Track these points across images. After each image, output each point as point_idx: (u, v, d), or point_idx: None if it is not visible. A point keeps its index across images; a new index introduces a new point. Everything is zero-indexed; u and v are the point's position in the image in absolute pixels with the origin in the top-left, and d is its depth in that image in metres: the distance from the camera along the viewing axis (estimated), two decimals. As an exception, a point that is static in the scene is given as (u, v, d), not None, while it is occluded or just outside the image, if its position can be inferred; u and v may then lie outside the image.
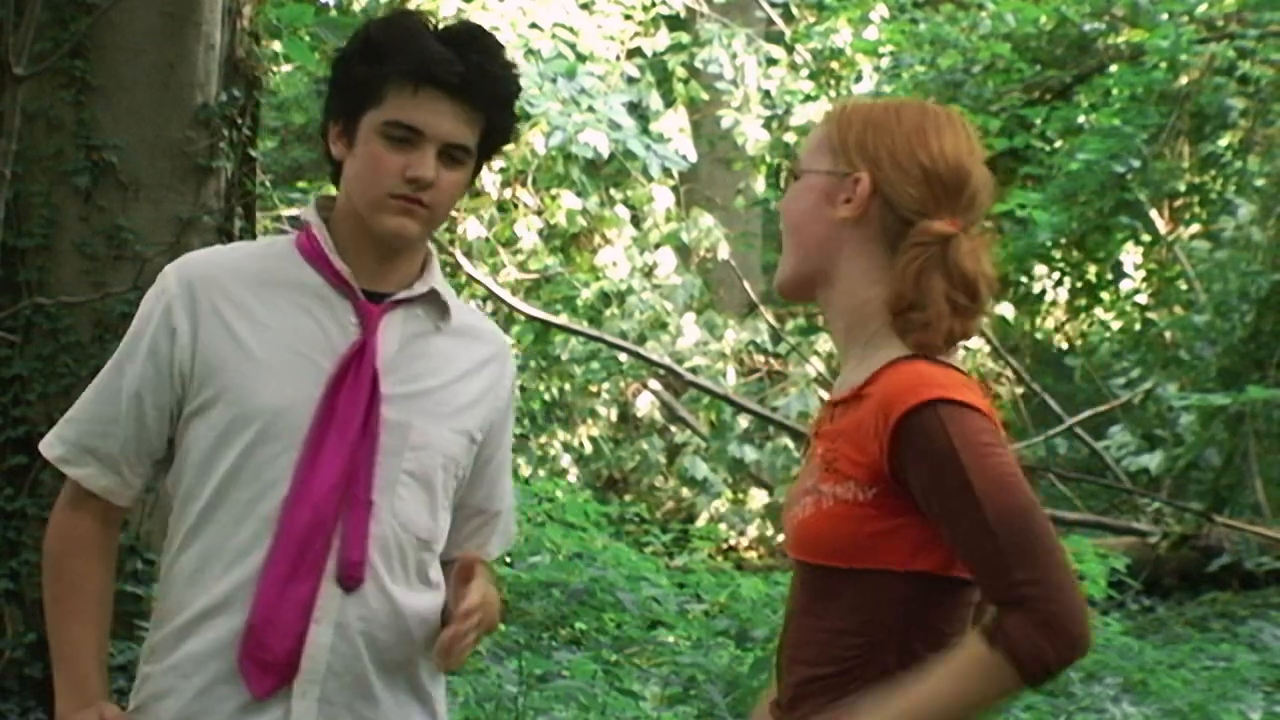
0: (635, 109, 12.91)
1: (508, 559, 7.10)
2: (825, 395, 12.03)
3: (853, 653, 2.49)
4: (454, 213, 12.30)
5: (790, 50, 14.25)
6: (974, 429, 2.41)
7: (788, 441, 12.20)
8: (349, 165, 2.80)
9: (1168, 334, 13.14)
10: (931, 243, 2.52)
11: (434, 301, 2.85)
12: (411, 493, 2.78)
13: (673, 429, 13.05)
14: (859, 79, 14.28)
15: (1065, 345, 15.47)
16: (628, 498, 12.13)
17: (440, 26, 2.81)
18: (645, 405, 12.90)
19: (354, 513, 2.73)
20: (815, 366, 12.80)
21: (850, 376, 2.56)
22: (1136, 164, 12.03)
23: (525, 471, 11.80)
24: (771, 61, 14.03)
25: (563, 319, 12.25)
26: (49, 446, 2.84)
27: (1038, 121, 12.44)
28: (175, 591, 2.79)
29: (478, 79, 2.76)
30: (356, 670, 2.75)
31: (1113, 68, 12.58)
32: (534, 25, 12.10)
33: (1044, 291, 14.76)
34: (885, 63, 13.78)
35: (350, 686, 2.75)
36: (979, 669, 2.37)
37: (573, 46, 12.25)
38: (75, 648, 2.80)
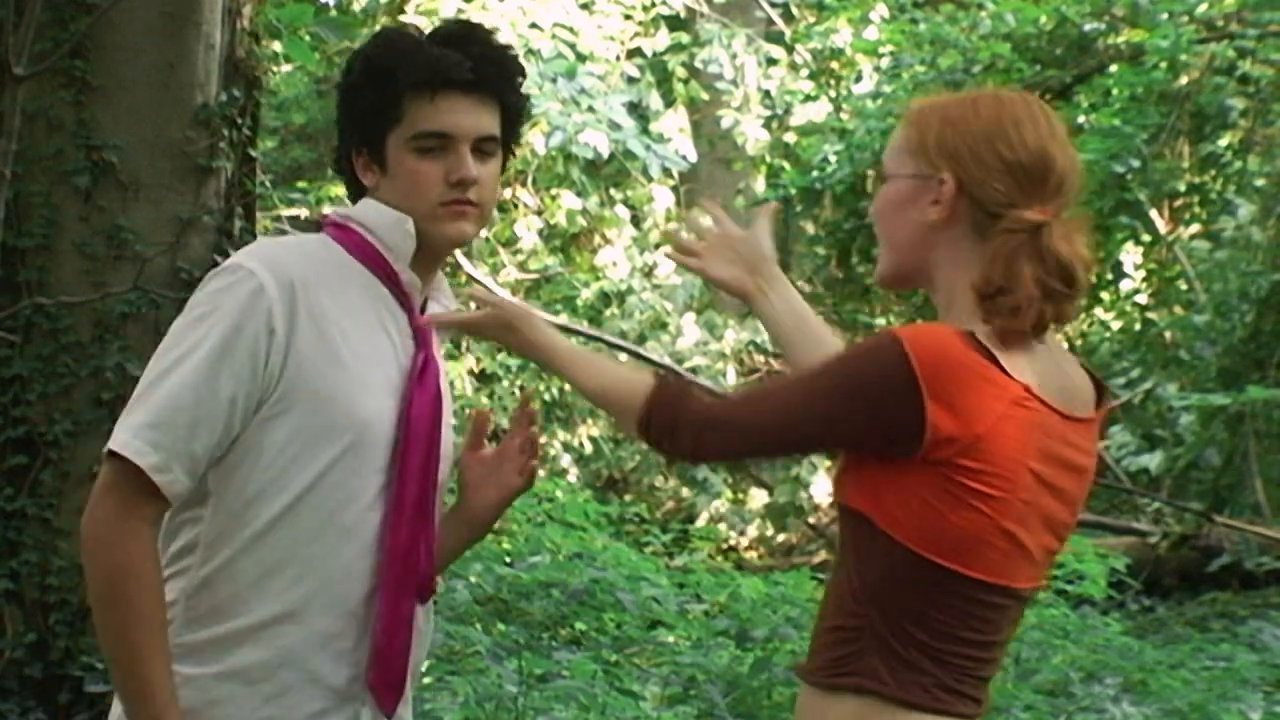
0: (635, 109, 12.92)
1: (507, 559, 7.11)
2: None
3: (854, 608, 2.55)
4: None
5: (790, 50, 14.25)
6: (873, 368, 2.50)
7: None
8: (386, 188, 2.80)
9: (1168, 334, 13.15)
10: (1021, 230, 2.55)
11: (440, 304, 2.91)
12: (440, 500, 2.84)
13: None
14: (859, 79, 14.29)
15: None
16: (628, 498, 12.13)
17: (430, 31, 2.84)
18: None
19: (426, 528, 2.77)
20: (815, 366, 12.78)
21: None
22: (1136, 164, 12.03)
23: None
24: (771, 61, 14.04)
25: (563, 319, 12.25)
26: (140, 454, 2.62)
27: (1038, 121, 12.43)
28: (228, 593, 2.69)
29: (486, 69, 2.79)
30: (415, 674, 2.83)
31: (1113, 68, 12.58)
32: (534, 25, 12.10)
33: (1044, 291, 14.75)
34: (885, 63, 13.78)
35: (406, 693, 2.83)
36: (630, 382, 2.67)
37: (573, 46, 12.25)
38: (152, 686, 2.64)
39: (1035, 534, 2.56)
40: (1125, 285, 14.58)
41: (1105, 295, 14.65)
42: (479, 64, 2.78)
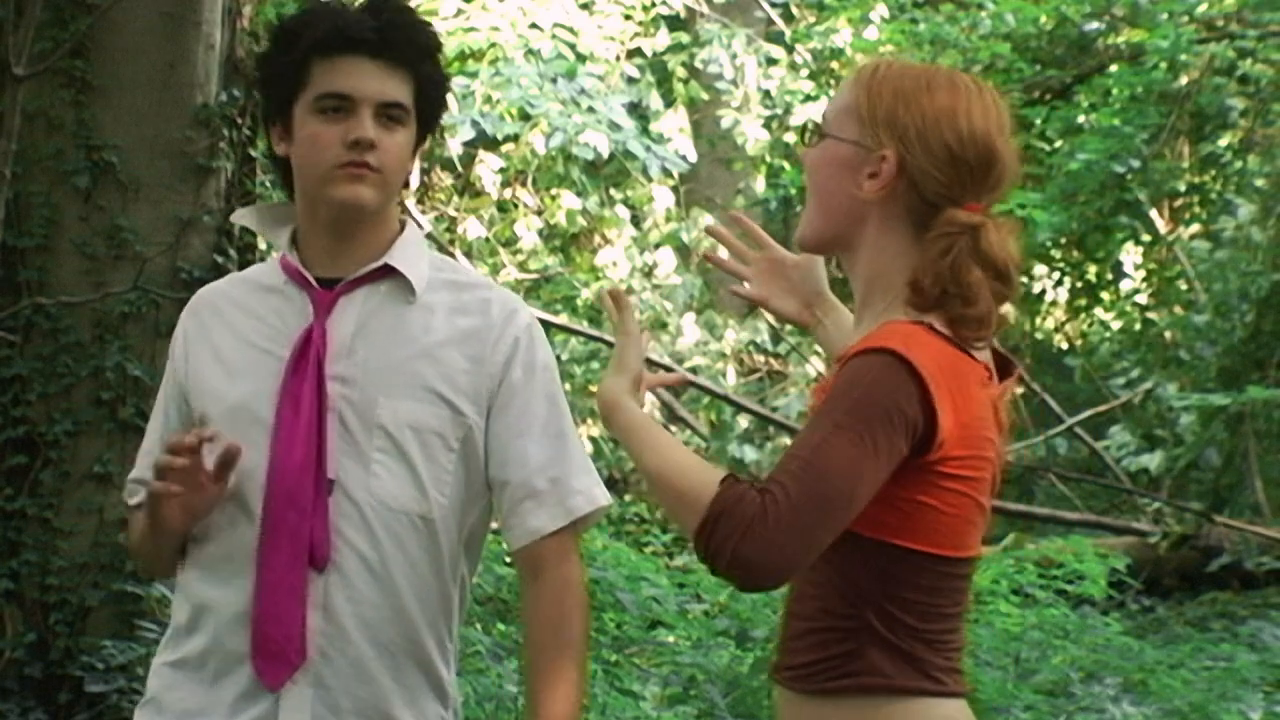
0: (635, 109, 12.91)
1: (506, 559, 7.10)
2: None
3: (842, 609, 2.52)
4: (454, 213, 12.32)
5: (790, 50, 14.25)
6: (888, 387, 2.43)
7: (788, 441, 12.19)
8: (294, 155, 2.82)
9: (1168, 334, 13.15)
10: (960, 232, 2.52)
11: (397, 276, 2.84)
12: (389, 469, 2.77)
13: (673, 429, 13.05)
14: (859, 79, 14.26)
15: (1065, 345, 15.48)
16: (628, 498, 12.13)
17: (356, 2, 2.86)
18: (645, 405, 12.89)
19: (319, 494, 2.75)
20: (815, 366, 12.80)
21: (860, 334, 2.59)
22: (1136, 164, 12.04)
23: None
24: (771, 61, 14.03)
25: (563, 319, 12.25)
26: (128, 494, 2.99)
27: (1038, 121, 12.45)
28: (179, 591, 2.89)
29: (392, 33, 2.79)
30: (350, 654, 2.76)
31: (1113, 68, 12.58)
32: (534, 25, 12.09)
33: (1044, 291, 14.77)
34: (885, 63, 13.76)
35: (346, 670, 2.76)
36: (701, 482, 2.42)
37: (573, 47, 12.24)
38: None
39: (989, 500, 2.60)
40: (1125, 285, 14.58)
41: (1105, 295, 14.66)
42: (385, 29, 2.78)
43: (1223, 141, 13.08)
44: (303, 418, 2.76)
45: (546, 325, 11.98)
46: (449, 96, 2.98)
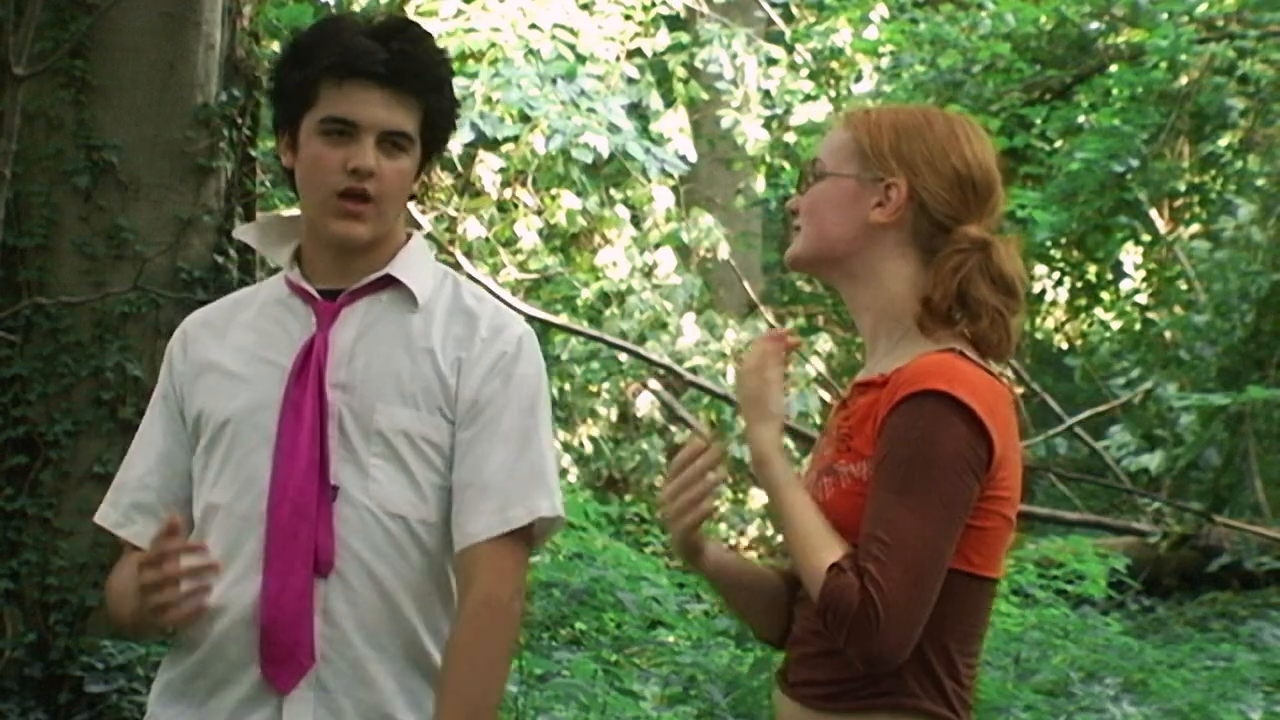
0: (635, 109, 12.91)
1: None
2: (825, 395, 12.04)
3: None
4: (454, 213, 12.32)
5: (790, 50, 14.25)
6: (948, 437, 2.50)
7: (788, 441, 12.18)
8: (297, 170, 2.86)
9: (1168, 334, 13.14)
10: (972, 249, 2.61)
11: (399, 286, 2.86)
12: (387, 475, 2.79)
13: (673, 429, 13.05)
14: (859, 79, 14.28)
15: (1065, 345, 15.48)
16: (628, 498, 12.12)
17: (372, 22, 2.86)
18: (645, 405, 12.89)
19: (322, 500, 2.77)
20: (815, 366, 12.80)
21: (879, 364, 2.64)
22: (1136, 164, 12.04)
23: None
24: (771, 61, 14.03)
25: (563, 319, 12.24)
26: (104, 516, 3.05)
27: (1038, 121, 12.44)
28: None
29: (403, 64, 2.80)
30: (349, 656, 2.77)
31: (1113, 68, 12.58)
32: (534, 26, 12.08)
33: (1044, 291, 14.77)
34: (885, 63, 13.77)
35: (346, 673, 2.77)
36: (816, 565, 2.51)
37: (572, 48, 12.23)
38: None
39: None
40: (1125, 285, 14.58)
41: (1105, 295, 14.66)
42: (395, 58, 2.79)
43: (1223, 141, 13.08)
44: (305, 425, 2.78)
45: (546, 325, 11.99)
46: (455, 122, 2.99)
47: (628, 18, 13.02)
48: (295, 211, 2.97)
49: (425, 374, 2.82)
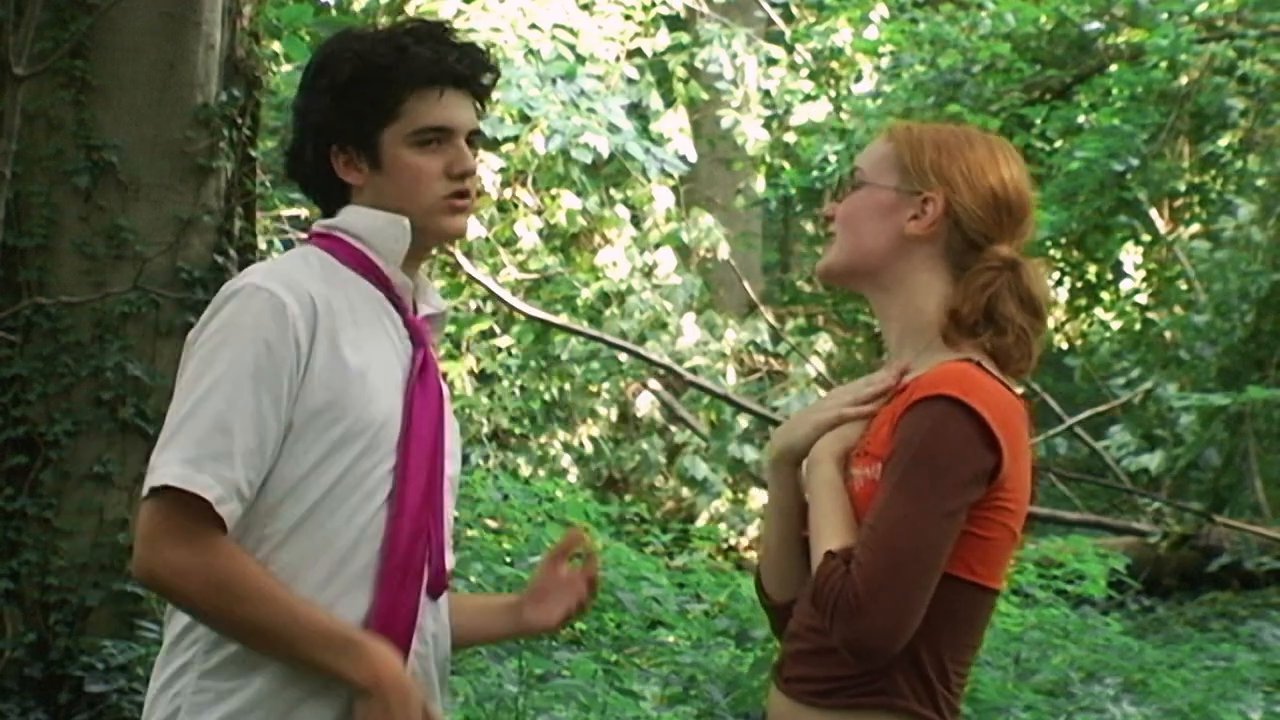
0: (635, 109, 12.91)
1: (508, 559, 7.11)
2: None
3: None
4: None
5: (790, 50, 14.25)
6: (953, 439, 2.54)
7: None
8: (380, 185, 2.83)
9: (1168, 334, 13.14)
10: (1003, 268, 2.67)
11: (439, 317, 2.93)
12: (450, 498, 2.84)
13: (673, 429, 13.05)
14: (859, 79, 14.29)
15: (1065, 345, 15.47)
16: (628, 498, 12.12)
17: (400, 29, 2.87)
18: (645, 405, 12.89)
19: (436, 522, 2.78)
20: (815, 366, 12.80)
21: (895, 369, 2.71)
22: (1136, 164, 12.04)
23: (525, 471, 11.80)
24: (771, 61, 14.04)
25: (563, 319, 12.24)
26: (206, 488, 2.62)
27: (1038, 121, 12.44)
28: None
29: (474, 67, 2.86)
30: (430, 676, 2.80)
31: (1113, 68, 12.58)
32: (534, 26, 12.09)
33: (1044, 291, 14.72)
34: (885, 63, 13.78)
35: (424, 690, 2.78)
36: (820, 549, 2.58)
37: (572, 48, 12.24)
38: (322, 626, 2.66)
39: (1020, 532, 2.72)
40: (1125, 285, 14.58)
41: (1105, 295, 14.65)
42: (468, 62, 2.85)
43: (1223, 141, 13.08)
44: (427, 447, 2.78)
45: (546, 325, 12.00)
46: None
47: (628, 18, 13.03)
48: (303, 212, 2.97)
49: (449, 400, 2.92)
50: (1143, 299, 14.42)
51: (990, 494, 2.58)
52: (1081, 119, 12.46)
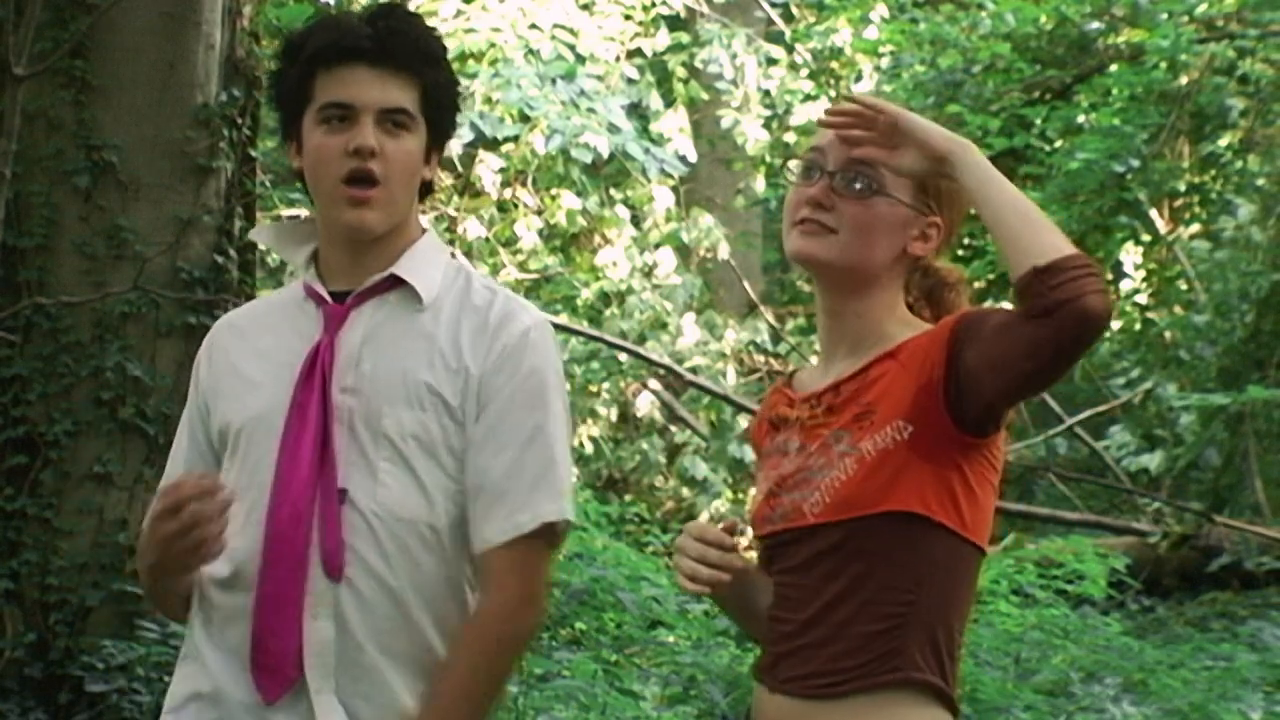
0: (635, 109, 12.91)
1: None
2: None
3: (899, 609, 2.61)
4: (454, 213, 12.32)
5: (790, 50, 14.25)
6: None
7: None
8: (305, 170, 2.84)
9: (1168, 334, 13.14)
10: (957, 282, 2.83)
11: (405, 286, 2.82)
12: (395, 478, 2.76)
13: (673, 429, 13.04)
14: (859, 79, 14.27)
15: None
16: (628, 498, 12.12)
17: (361, 11, 2.87)
18: (645, 405, 12.89)
19: (327, 502, 2.74)
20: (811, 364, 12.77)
21: (840, 366, 2.74)
22: (1136, 164, 12.03)
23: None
24: (771, 61, 14.03)
25: (563, 319, 12.24)
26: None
27: (1038, 121, 12.44)
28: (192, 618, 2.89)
29: (391, 40, 2.78)
30: (365, 662, 2.74)
31: (1113, 68, 12.57)
32: (534, 26, 12.09)
33: (1044, 291, 14.73)
34: (885, 63, 13.77)
35: (363, 678, 2.74)
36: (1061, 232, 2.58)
37: (572, 48, 12.24)
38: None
39: None
40: (1125, 285, 14.57)
41: (1105, 295, 14.61)
42: (384, 36, 2.78)
43: (1223, 141, 13.07)
44: (309, 429, 2.75)
45: (546, 325, 11.99)
46: (458, 101, 2.95)
47: (628, 18, 13.02)
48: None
49: (433, 375, 2.78)
50: (1143, 299, 14.40)
51: (989, 444, 2.64)
52: (1081, 119, 12.46)
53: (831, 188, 2.71)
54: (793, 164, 2.78)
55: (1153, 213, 13.10)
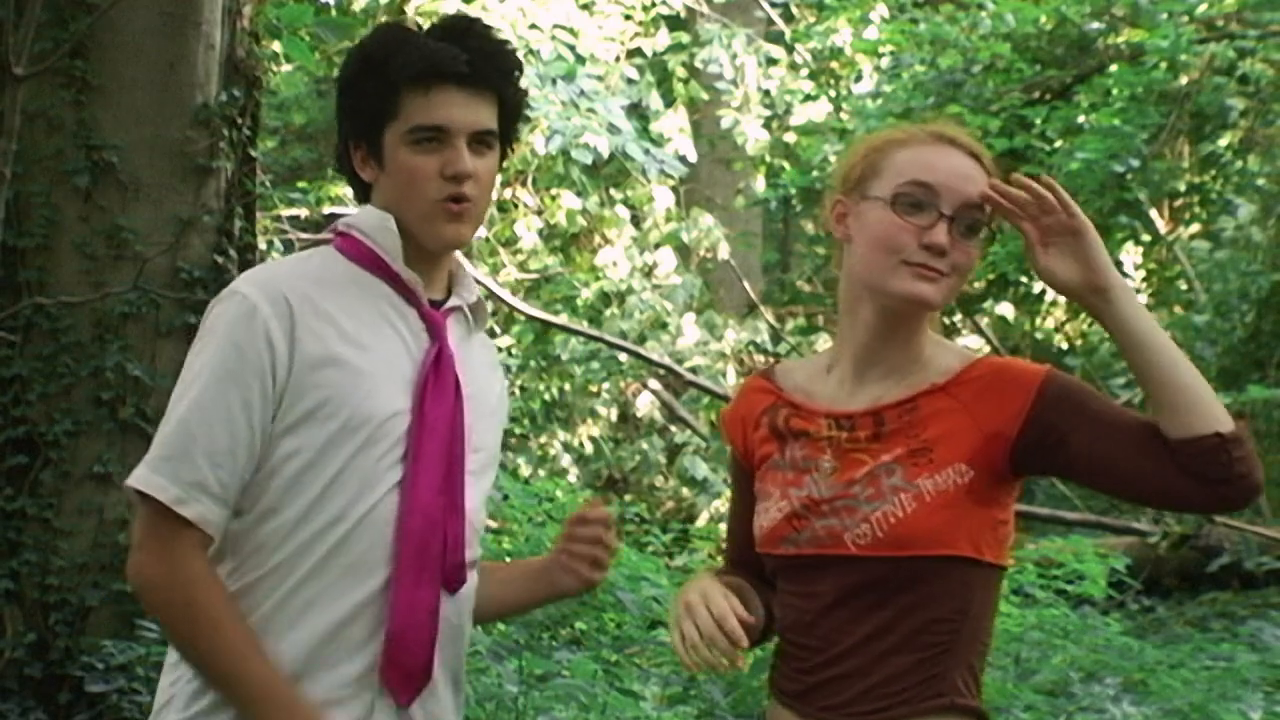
0: (635, 109, 12.92)
1: (508, 559, 7.11)
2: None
3: (944, 638, 2.65)
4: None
5: (790, 50, 14.26)
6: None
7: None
8: (385, 184, 2.82)
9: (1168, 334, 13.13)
10: None
11: (475, 307, 2.91)
12: (475, 491, 2.82)
13: (673, 429, 13.05)
14: (859, 79, 14.29)
15: (1065, 345, 15.47)
16: (628, 498, 12.13)
17: (429, 26, 2.84)
18: (645, 405, 12.89)
19: (453, 516, 2.76)
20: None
21: (875, 389, 2.74)
22: (1136, 164, 12.03)
23: (525, 471, 11.80)
24: (771, 61, 14.04)
25: (563, 319, 12.25)
26: (159, 489, 2.66)
27: (1038, 121, 12.44)
28: (247, 599, 2.74)
29: (482, 62, 2.79)
30: (445, 670, 2.79)
31: (1113, 68, 12.57)
32: (534, 26, 12.09)
33: (1044, 291, 14.76)
34: (885, 63, 13.78)
35: (430, 697, 2.78)
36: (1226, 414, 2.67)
37: (572, 48, 12.24)
38: (270, 687, 2.67)
39: None
40: (1125, 285, 14.55)
41: (1105, 295, 14.62)
42: (475, 58, 2.78)
43: (1223, 141, 13.07)
44: (440, 441, 2.75)
45: (546, 325, 11.99)
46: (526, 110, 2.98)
47: (628, 18, 13.03)
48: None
49: (491, 394, 2.89)
50: (1143, 299, 14.41)
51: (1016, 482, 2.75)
52: (1081, 119, 12.46)
53: (955, 231, 2.70)
54: (884, 190, 2.73)
55: (1153, 213, 13.10)
